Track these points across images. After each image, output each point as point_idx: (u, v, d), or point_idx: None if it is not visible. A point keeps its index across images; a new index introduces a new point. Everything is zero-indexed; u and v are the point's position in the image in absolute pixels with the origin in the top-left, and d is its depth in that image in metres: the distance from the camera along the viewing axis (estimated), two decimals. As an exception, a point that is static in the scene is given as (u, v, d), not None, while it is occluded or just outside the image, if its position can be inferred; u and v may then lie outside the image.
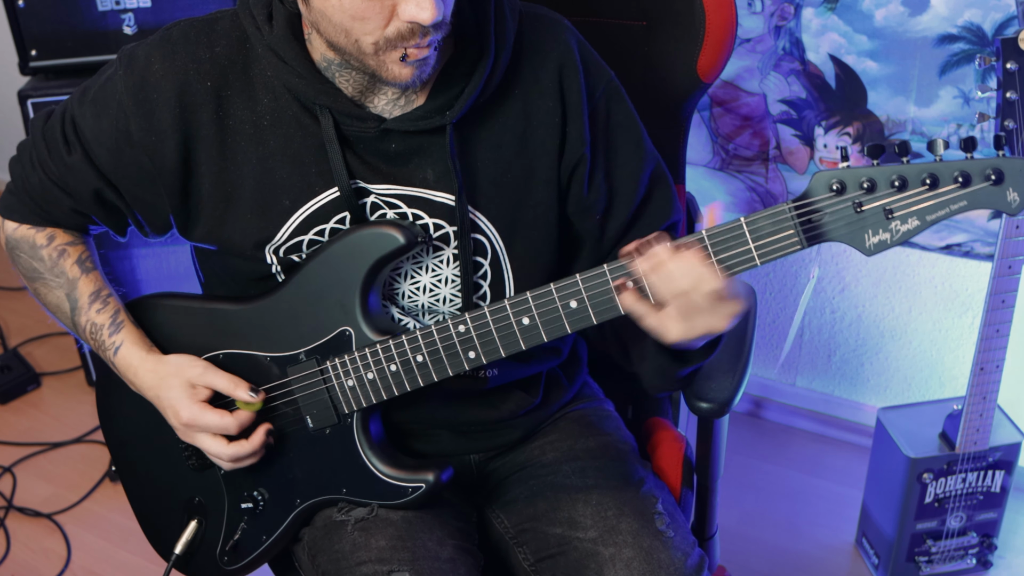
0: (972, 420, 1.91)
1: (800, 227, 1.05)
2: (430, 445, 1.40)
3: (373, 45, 1.11)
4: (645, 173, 1.31)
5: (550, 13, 1.30)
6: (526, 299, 1.16)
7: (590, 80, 1.27)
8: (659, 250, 1.09)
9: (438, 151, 1.23)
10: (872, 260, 2.28)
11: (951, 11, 1.95)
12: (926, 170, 1.01)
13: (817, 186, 1.04)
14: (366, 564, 1.26)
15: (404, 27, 1.09)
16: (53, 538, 2.30)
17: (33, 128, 1.33)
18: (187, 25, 1.24)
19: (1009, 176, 0.99)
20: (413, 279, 1.29)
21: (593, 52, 1.30)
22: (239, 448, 1.28)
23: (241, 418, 1.28)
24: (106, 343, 1.33)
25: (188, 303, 1.35)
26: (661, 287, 1.09)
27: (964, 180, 1.00)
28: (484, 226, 1.27)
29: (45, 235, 1.35)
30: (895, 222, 1.03)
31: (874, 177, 1.02)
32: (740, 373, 1.40)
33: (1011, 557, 2.15)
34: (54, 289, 1.36)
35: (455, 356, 1.21)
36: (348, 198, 1.23)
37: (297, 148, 1.23)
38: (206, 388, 1.28)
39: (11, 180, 1.35)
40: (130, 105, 1.22)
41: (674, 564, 1.27)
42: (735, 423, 2.55)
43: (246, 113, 1.23)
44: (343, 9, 1.09)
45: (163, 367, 1.29)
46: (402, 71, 1.14)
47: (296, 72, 1.19)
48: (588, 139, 1.27)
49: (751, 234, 1.07)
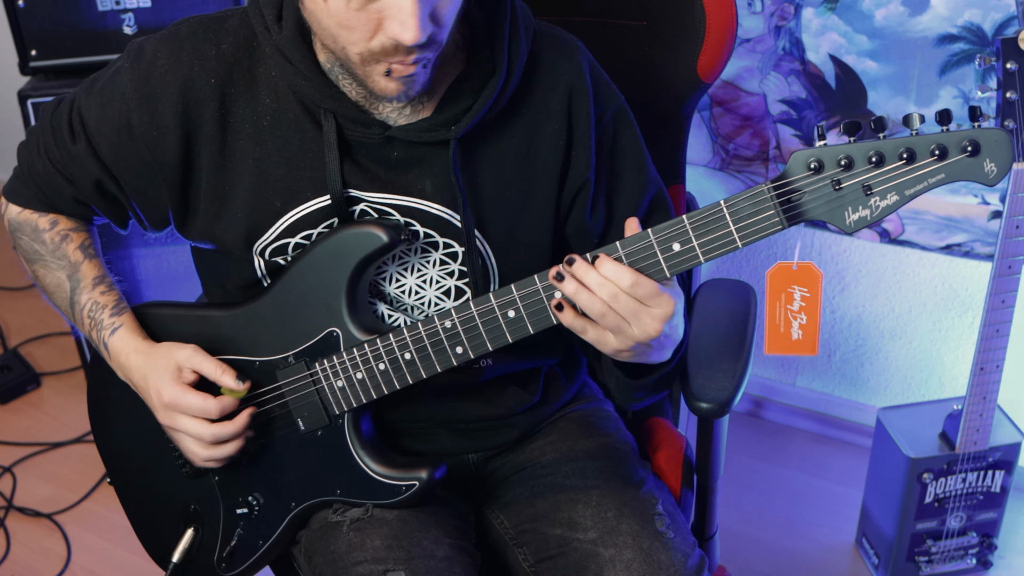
0: (972, 420, 1.91)
1: (780, 207, 1.06)
2: (428, 444, 1.40)
3: (358, 55, 1.11)
4: (645, 199, 1.31)
5: (564, 34, 1.29)
6: (511, 292, 1.16)
7: (599, 104, 1.27)
8: (578, 266, 1.10)
9: (439, 163, 1.23)
10: (872, 260, 2.28)
11: (951, 11, 1.95)
12: (902, 144, 1.02)
13: (795, 166, 1.05)
14: (362, 564, 1.26)
15: (388, 42, 1.08)
16: (53, 538, 2.30)
17: (43, 115, 1.34)
18: (196, 22, 1.24)
19: (985, 147, 1.00)
20: (398, 282, 1.29)
21: (604, 76, 1.30)
22: (221, 429, 1.26)
23: (224, 403, 1.26)
24: (105, 322, 1.33)
25: (176, 311, 1.35)
26: (585, 302, 1.11)
27: (941, 153, 1.01)
28: (479, 242, 1.27)
29: (48, 220, 1.36)
30: (874, 198, 1.04)
31: (851, 154, 1.03)
32: (740, 373, 1.40)
33: (1011, 557, 2.16)
34: (54, 271, 1.37)
35: (443, 352, 1.21)
36: (338, 206, 1.23)
37: (294, 151, 1.23)
38: (192, 372, 1.28)
39: (18, 164, 1.36)
40: (134, 98, 1.23)
41: (674, 565, 1.26)
42: (735, 423, 2.55)
43: (247, 112, 1.23)
44: (330, 15, 1.08)
45: (153, 350, 1.30)
46: (388, 84, 1.13)
47: (302, 75, 1.19)
48: (593, 164, 1.26)
49: (731, 216, 1.07)
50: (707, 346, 1.43)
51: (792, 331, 1.22)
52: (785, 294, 1.21)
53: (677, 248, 1.10)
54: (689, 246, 1.09)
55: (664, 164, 1.57)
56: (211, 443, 1.27)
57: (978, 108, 1.02)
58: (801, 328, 1.22)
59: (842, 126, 1.04)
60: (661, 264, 1.11)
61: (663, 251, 1.10)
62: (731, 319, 1.49)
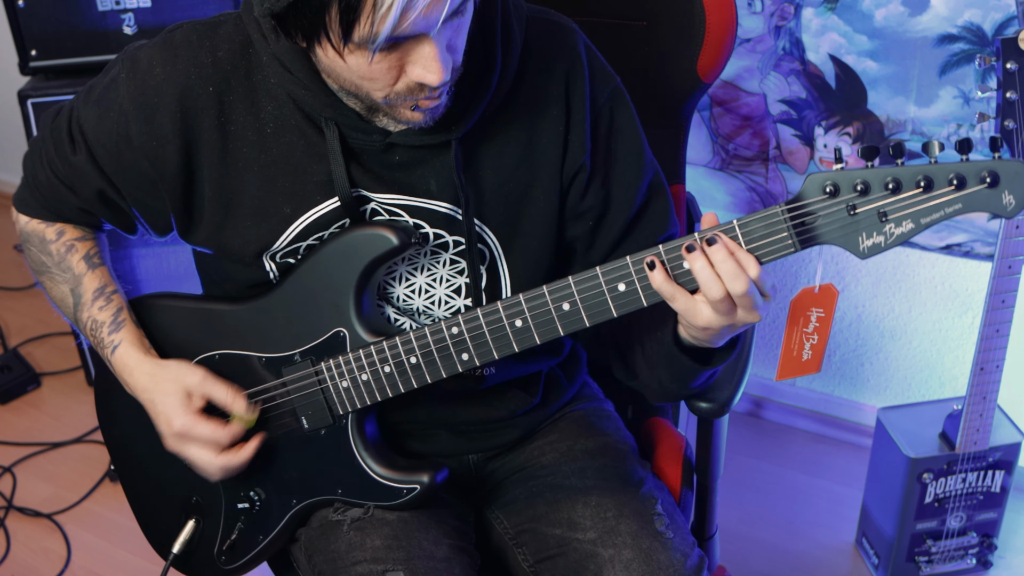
0: (972, 420, 1.91)
1: (793, 230, 1.05)
2: (428, 445, 1.40)
3: (384, 99, 1.11)
4: (643, 183, 1.29)
5: (558, 17, 1.28)
6: (519, 301, 1.16)
7: (595, 86, 1.26)
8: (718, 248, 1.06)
9: (442, 163, 1.22)
10: (872, 260, 2.28)
11: (951, 11, 1.95)
12: (921, 172, 1.00)
13: (811, 188, 1.03)
14: (361, 564, 1.26)
15: (413, 84, 1.08)
16: (53, 538, 2.30)
17: (43, 125, 1.33)
18: (189, 28, 1.23)
19: (1004, 178, 0.98)
20: (408, 281, 1.29)
21: (600, 57, 1.29)
22: (230, 459, 1.27)
23: (234, 431, 1.27)
24: (105, 341, 1.33)
25: (183, 303, 1.35)
26: (709, 283, 1.07)
27: (959, 183, 0.99)
28: (485, 234, 1.26)
29: (55, 230, 1.36)
30: (889, 225, 1.02)
31: (868, 179, 1.01)
32: (740, 373, 1.40)
33: (1011, 557, 2.15)
34: (60, 284, 1.36)
35: (448, 358, 1.21)
36: (348, 208, 1.22)
37: (300, 157, 1.22)
38: (202, 398, 1.28)
39: (24, 175, 1.36)
40: (131, 110, 1.22)
41: (673, 565, 1.26)
42: (735, 423, 2.55)
43: (249, 119, 1.22)
44: (351, 71, 1.08)
45: (160, 371, 1.29)
46: (414, 115, 1.14)
47: (302, 84, 1.18)
48: (589, 147, 1.25)
49: (744, 237, 1.06)
50: (707, 346, 1.43)
51: (804, 353, 1.21)
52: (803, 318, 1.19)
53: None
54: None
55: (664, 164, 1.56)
56: (219, 472, 1.29)
57: (999, 139, 1.00)
58: (812, 348, 1.21)
59: (860, 150, 1.02)
60: None
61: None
62: (731, 319, 1.49)
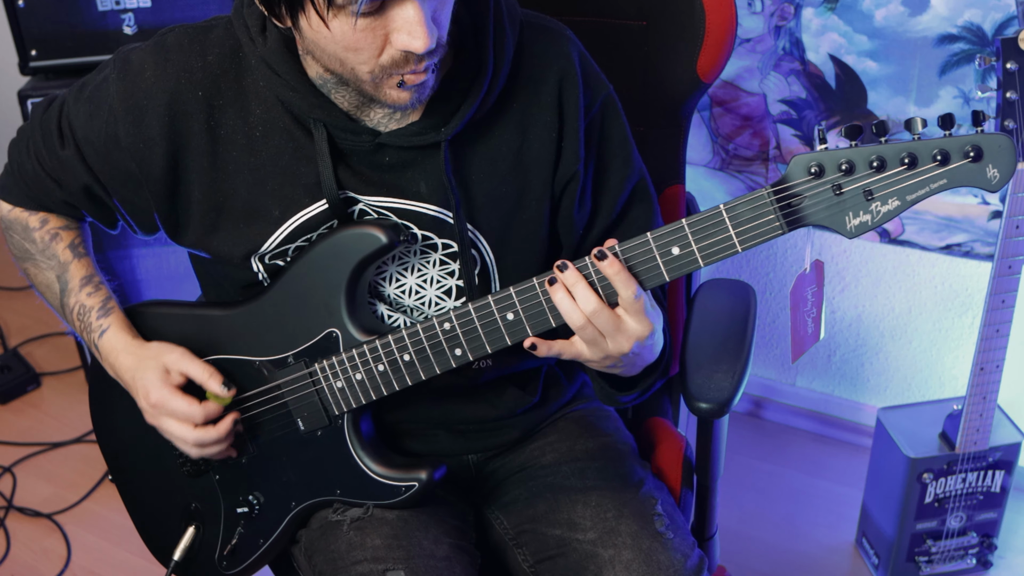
0: (972, 420, 1.91)
1: (780, 211, 1.05)
2: (428, 445, 1.40)
3: (369, 73, 1.10)
4: (626, 190, 1.30)
5: (552, 23, 1.28)
6: (510, 294, 1.16)
7: (588, 93, 1.26)
8: (569, 274, 1.12)
9: (432, 165, 1.22)
10: (872, 260, 2.28)
11: (951, 11, 1.95)
12: (904, 149, 1.01)
13: (796, 170, 1.04)
14: (361, 563, 1.26)
15: (398, 55, 1.08)
16: (53, 538, 2.30)
17: (33, 115, 1.34)
18: (182, 32, 1.23)
19: (988, 152, 0.99)
20: (399, 282, 1.29)
21: (593, 64, 1.29)
22: (204, 433, 1.27)
23: (208, 409, 1.27)
24: (93, 325, 1.33)
25: (175, 311, 1.35)
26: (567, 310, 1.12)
27: (943, 158, 1.00)
28: (476, 239, 1.26)
29: (38, 218, 1.36)
30: (875, 203, 1.03)
31: (852, 159, 1.02)
32: (740, 373, 1.40)
33: (1011, 557, 2.15)
34: (44, 271, 1.37)
35: (441, 354, 1.21)
36: (336, 209, 1.22)
37: (288, 160, 1.22)
38: (180, 374, 1.28)
39: (8, 162, 1.36)
40: (120, 111, 1.22)
41: (673, 565, 1.26)
42: (735, 423, 2.55)
43: (238, 123, 1.22)
44: (335, 40, 1.08)
45: (143, 351, 1.30)
46: (400, 95, 1.13)
47: (290, 86, 1.18)
48: (582, 155, 1.26)
49: (731, 221, 1.07)
50: (707, 346, 1.43)
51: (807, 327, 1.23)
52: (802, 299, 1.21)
53: (676, 252, 1.09)
54: (688, 250, 1.09)
55: (664, 164, 1.57)
56: (194, 446, 1.28)
57: (981, 112, 1.01)
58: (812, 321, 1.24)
59: (843, 130, 1.03)
60: (660, 268, 1.11)
61: (662, 255, 1.10)
62: (731, 319, 1.49)
